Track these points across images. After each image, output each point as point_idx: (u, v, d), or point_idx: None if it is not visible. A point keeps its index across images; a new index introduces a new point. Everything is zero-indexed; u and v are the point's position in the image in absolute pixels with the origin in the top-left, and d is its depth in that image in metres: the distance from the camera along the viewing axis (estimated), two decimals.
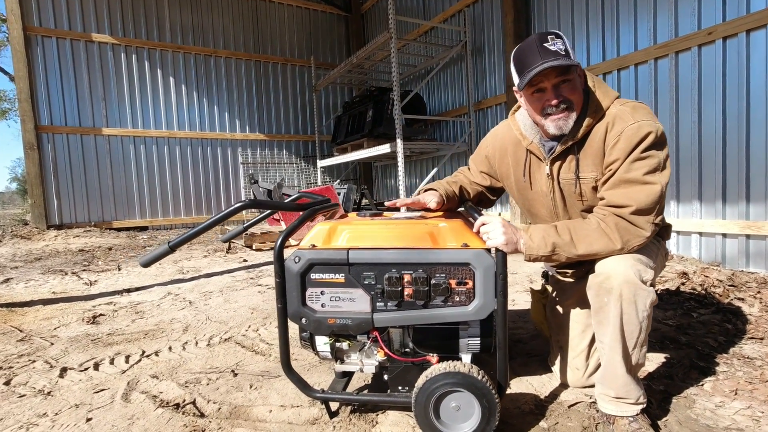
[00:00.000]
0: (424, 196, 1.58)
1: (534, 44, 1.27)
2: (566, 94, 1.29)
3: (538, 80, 1.28)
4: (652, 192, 1.21)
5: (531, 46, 1.27)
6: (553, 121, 1.31)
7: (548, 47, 1.24)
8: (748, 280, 2.91)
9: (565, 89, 1.29)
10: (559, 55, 1.23)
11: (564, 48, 1.25)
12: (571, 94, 1.29)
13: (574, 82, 1.29)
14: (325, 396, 1.42)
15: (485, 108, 6.10)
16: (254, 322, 2.56)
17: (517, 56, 1.33)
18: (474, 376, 1.25)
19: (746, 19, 3.15)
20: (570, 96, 1.29)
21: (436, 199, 1.54)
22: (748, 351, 1.89)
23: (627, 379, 1.28)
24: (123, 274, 4.14)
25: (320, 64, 9.18)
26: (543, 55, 1.23)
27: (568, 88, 1.29)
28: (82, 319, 2.68)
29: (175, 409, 1.55)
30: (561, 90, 1.28)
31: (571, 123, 1.32)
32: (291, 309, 1.37)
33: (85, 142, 7.28)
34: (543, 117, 1.33)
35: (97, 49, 7.34)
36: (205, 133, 8.23)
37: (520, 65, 1.31)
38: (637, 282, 1.20)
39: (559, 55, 1.23)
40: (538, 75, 1.24)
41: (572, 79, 1.29)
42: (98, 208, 7.41)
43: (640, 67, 3.95)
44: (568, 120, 1.31)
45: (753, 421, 1.38)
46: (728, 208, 3.37)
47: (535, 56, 1.25)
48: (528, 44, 1.29)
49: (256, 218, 2.15)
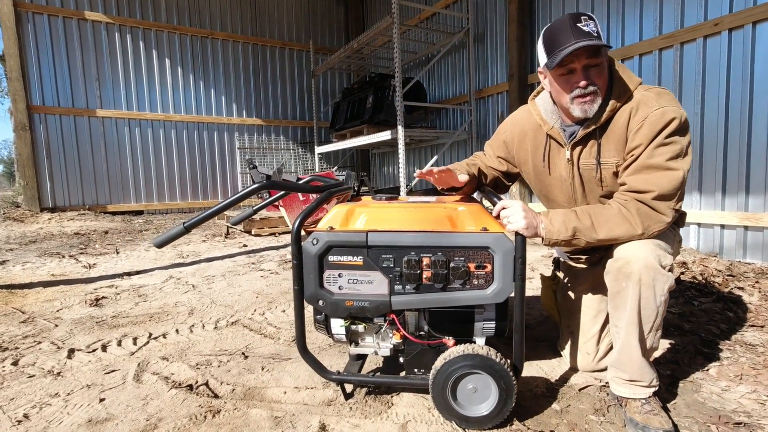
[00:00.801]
0: (453, 165, 1.56)
1: (567, 23, 1.25)
2: (594, 77, 1.28)
3: (569, 60, 1.27)
4: (675, 178, 1.21)
5: (564, 25, 1.26)
6: (579, 104, 1.31)
7: (582, 27, 1.23)
8: (746, 270, 2.96)
9: (593, 72, 1.28)
10: (592, 36, 1.22)
11: (596, 30, 1.24)
12: (599, 78, 1.29)
13: (602, 66, 1.29)
14: (341, 378, 1.43)
15: (486, 96, 6.07)
16: (260, 306, 2.56)
17: (547, 35, 1.31)
18: (492, 358, 1.27)
19: (754, 11, 3.15)
20: (597, 80, 1.29)
21: (465, 175, 1.52)
22: (749, 338, 1.93)
23: (642, 363, 1.30)
24: (122, 257, 4.10)
25: (319, 49, 9.06)
26: (576, 35, 1.22)
27: (597, 72, 1.28)
28: (84, 302, 2.66)
29: (188, 390, 1.55)
30: (590, 73, 1.28)
31: (596, 107, 1.31)
32: (308, 291, 1.37)
33: (78, 123, 7.14)
34: (570, 100, 1.32)
35: (91, 28, 7.17)
36: (201, 116, 8.11)
37: (550, 44, 1.29)
38: (657, 267, 1.21)
39: (592, 36, 1.22)
40: (569, 55, 1.23)
41: (601, 63, 1.28)
42: (92, 191, 7.31)
43: (644, 57, 3.94)
44: (594, 104, 1.30)
45: (759, 405, 1.42)
46: (728, 200, 3.41)
47: (568, 36, 1.23)
48: (561, 23, 1.27)
49: (264, 202, 2.14)
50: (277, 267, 3.56)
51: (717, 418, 1.34)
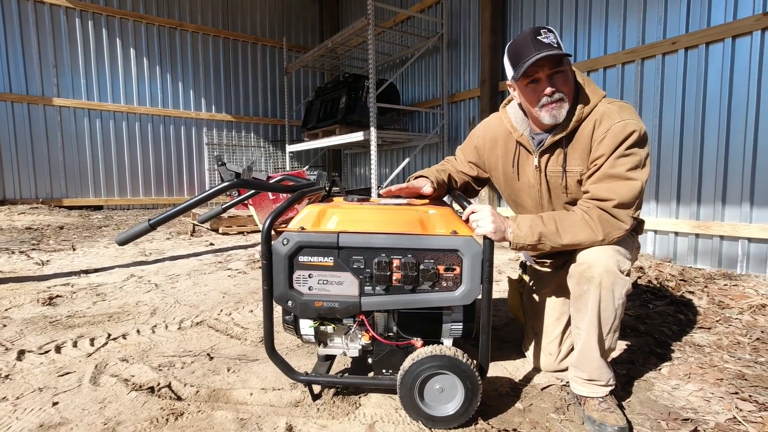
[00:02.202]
0: (417, 181, 1.59)
1: (528, 37, 1.31)
2: (559, 85, 1.34)
3: (533, 71, 1.32)
4: (634, 187, 1.28)
5: (525, 39, 1.32)
6: (547, 111, 1.36)
7: (542, 40, 1.29)
8: (696, 275, 3.14)
9: (558, 80, 1.34)
10: (553, 47, 1.28)
11: (556, 41, 1.30)
12: (564, 85, 1.35)
13: (566, 73, 1.35)
14: (309, 379, 1.42)
15: (459, 101, 6.17)
16: (226, 306, 2.50)
17: (511, 50, 1.37)
18: (459, 359, 1.29)
19: (708, 32, 3.35)
20: (563, 87, 1.34)
21: (430, 186, 1.55)
22: (698, 339, 2.05)
23: (600, 363, 1.36)
24: (79, 254, 3.91)
25: (292, 47, 8.95)
26: (537, 47, 1.28)
27: (562, 79, 1.34)
28: (36, 300, 2.52)
29: (149, 393, 1.50)
30: (555, 80, 1.34)
31: (564, 112, 1.37)
32: (277, 291, 1.35)
33: (32, 111, 6.76)
34: (538, 108, 1.37)
35: (48, 11, 6.80)
36: (167, 110, 7.85)
37: (514, 57, 1.34)
38: (616, 272, 1.27)
39: (553, 47, 1.28)
40: (533, 66, 1.28)
41: (565, 71, 1.34)
42: (47, 184, 6.93)
43: (608, 70, 4.12)
44: (562, 110, 1.36)
45: (704, 401, 1.51)
46: (681, 209, 3.61)
47: (530, 48, 1.29)
48: (522, 37, 1.33)
49: (233, 200, 2.10)
50: (245, 266, 3.49)
51: (667, 415, 1.42)
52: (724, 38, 3.28)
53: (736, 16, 3.23)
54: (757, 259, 3.18)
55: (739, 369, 1.74)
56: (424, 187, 1.54)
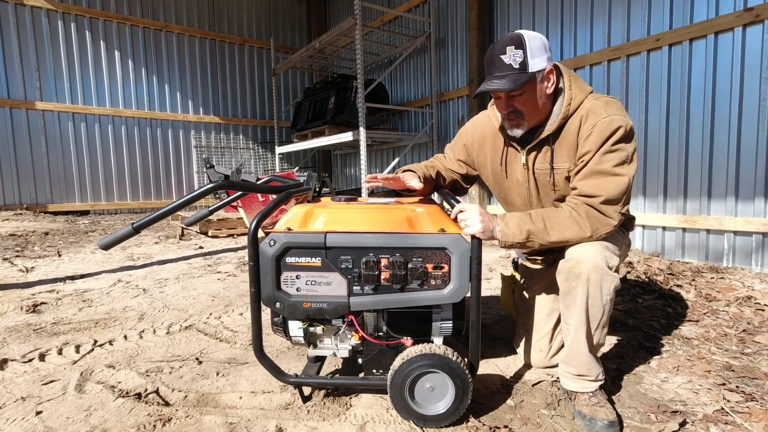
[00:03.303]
0: (404, 175, 1.58)
1: (494, 55, 1.34)
2: (517, 105, 1.38)
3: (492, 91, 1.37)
4: (621, 183, 1.29)
5: (491, 56, 1.35)
6: (508, 126, 1.44)
7: (504, 60, 1.31)
8: (684, 269, 3.18)
9: (517, 101, 1.37)
10: (512, 69, 1.30)
11: (521, 60, 1.30)
12: (523, 105, 1.37)
13: (526, 95, 1.36)
14: (299, 381, 1.41)
15: (447, 100, 6.19)
16: (216, 309, 2.47)
17: (485, 59, 1.40)
18: (449, 357, 1.29)
19: (690, 29, 3.40)
20: (521, 107, 1.38)
21: (416, 180, 1.55)
22: (686, 332, 2.07)
23: (589, 358, 1.37)
24: (65, 260, 3.85)
25: (280, 47, 8.90)
26: (497, 69, 1.32)
27: (520, 101, 1.37)
28: (20, 308, 2.47)
29: (137, 399, 1.47)
30: (513, 101, 1.38)
31: (522, 131, 1.43)
32: (265, 293, 1.34)
33: (15, 116, 6.63)
34: (502, 119, 1.45)
35: (29, 14, 6.68)
36: (154, 113, 7.75)
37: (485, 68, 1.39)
38: (604, 268, 1.28)
39: (512, 69, 1.30)
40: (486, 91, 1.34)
41: (523, 92, 1.35)
42: (31, 189, 6.80)
43: (594, 67, 4.16)
44: (519, 128, 1.42)
45: (693, 394, 1.52)
46: (668, 203, 3.66)
47: (491, 68, 1.34)
48: (490, 52, 1.36)
49: (221, 202, 2.07)
50: (235, 269, 3.46)
51: (656, 408, 1.43)
52: (706, 34, 3.33)
53: (718, 13, 3.27)
54: (742, 252, 3.23)
55: (727, 360, 1.76)
56: (410, 181, 1.54)
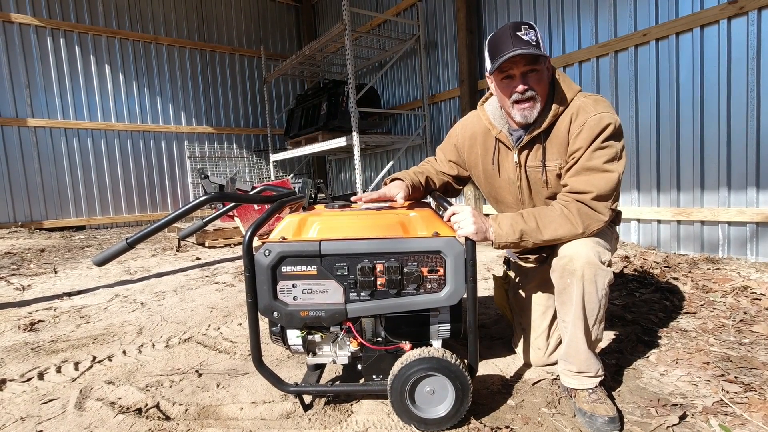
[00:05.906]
0: (390, 188, 1.58)
1: (508, 32, 1.32)
2: (532, 83, 1.35)
3: (508, 66, 1.34)
4: (611, 179, 1.30)
5: (505, 33, 1.33)
6: (519, 110, 1.38)
7: (521, 36, 1.30)
8: (680, 261, 3.20)
9: (532, 79, 1.35)
10: (531, 44, 1.29)
11: (535, 39, 1.31)
12: (537, 84, 1.36)
13: (541, 73, 1.36)
14: (299, 389, 1.41)
15: (439, 102, 6.21)
16: (214, 320, 2.47)
17: (491, 42, 1.38)
18: (448, 360, 1.29)
19: (676, 23, 3.43)
20: (536, 86, 1.36)
21: (403, 193, 1.54)
22: (684, 324, 2.08)
23: (588, 354, 1.37)
24: (61, 276, 3.83)
25: (270, 55, 8.90)
26: (515, 43, 1.29)
27: (535, 78, 1.35)
28: (17, 327, 2.46)
29: (137, 414, 1.47)
30: (528, 79, 1.35)
31: (536, 113, 1.38)
32: (262, 303, 1.34)
33: (6, 133, 6.59)
34: (510, 104, 1.39)
35: (18, 31, 6.65)
36: (146, 125, 7.73)
37: (493, 51, 1.36)
38: (597, 263, 1.29)
39: (531, 44, 1.29)
40: (507, 61, 1.30)
41: (540, 70, 1.35)
42: (25, 206, 6.76)
43: (583, 64, 4.19)
44: (533, 110, 1.38)
45: (692, 386, 1.53)
46: (662, 196, 3.68)
47: (507, 43, 1.30)
48: (502, 31, 1.34)
49: (215, 213, 2.07)
50: (233, 279, 3.45)
51: (656, 402, 1.43)
52: (692, 28, 3.36)
53: (703, 6, 3.31)
54: (737, 242, 3.25)
55: (725, 351, 1.77)
56: (395, 195, 1.53)
